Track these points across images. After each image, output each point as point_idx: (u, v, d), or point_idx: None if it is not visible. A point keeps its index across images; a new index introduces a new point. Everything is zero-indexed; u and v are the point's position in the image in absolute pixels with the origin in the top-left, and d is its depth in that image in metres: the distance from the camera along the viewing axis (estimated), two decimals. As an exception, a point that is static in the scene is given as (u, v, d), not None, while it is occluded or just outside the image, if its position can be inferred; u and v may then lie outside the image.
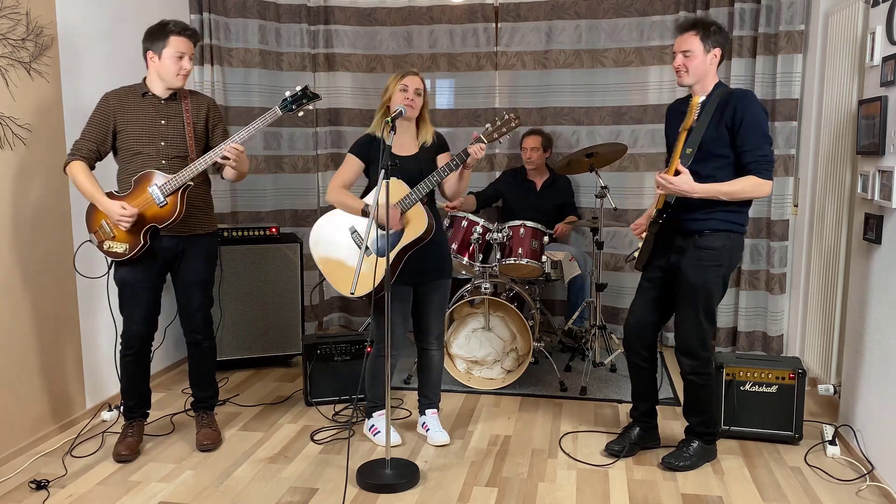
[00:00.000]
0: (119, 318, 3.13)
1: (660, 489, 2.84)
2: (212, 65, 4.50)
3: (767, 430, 3.23)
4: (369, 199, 3.07)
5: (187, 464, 3.07)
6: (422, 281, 3.16)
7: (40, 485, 2.84)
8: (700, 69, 2.79)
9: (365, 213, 3.05)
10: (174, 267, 3.12)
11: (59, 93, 3.33)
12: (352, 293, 2.89)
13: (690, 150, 2.79)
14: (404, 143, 3.12)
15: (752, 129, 2.73)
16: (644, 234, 3.00)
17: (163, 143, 2.99)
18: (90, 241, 2.99)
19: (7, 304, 3.07)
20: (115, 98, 2.99)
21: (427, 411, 3.33)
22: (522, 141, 4.63)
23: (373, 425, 3.30)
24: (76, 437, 3.28)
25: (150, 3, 4.01)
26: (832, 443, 3.15)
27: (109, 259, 3.01)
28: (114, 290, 3.11)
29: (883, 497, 2.77)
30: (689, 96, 2.91)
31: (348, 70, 4.95)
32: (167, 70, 2.95)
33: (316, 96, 3.04)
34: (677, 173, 2.76)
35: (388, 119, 2.85)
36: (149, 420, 3.34)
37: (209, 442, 3.20)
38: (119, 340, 3.13)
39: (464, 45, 4.85)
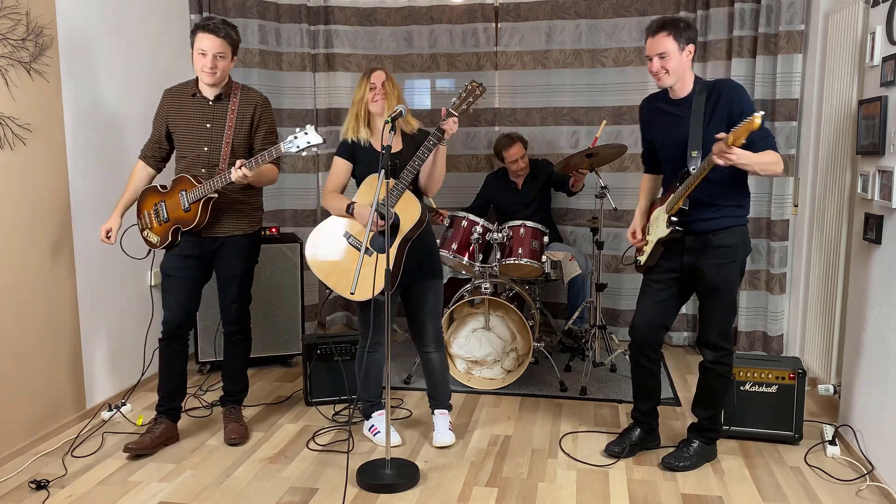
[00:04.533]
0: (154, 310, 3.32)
1: (660, 489, 2.85)
2: (212, 65, 4.49)
3: (767, 430, 3.23)
4: (356, 197, 3.08)
5: (187, 464, 3.08)
6: (411, 282, 3.11)
7: (40, 485, 2.84)
8: (678, 69, 2.77)
9: (349, 213, 3.04)
10: (213, 261, 3.22)
11: (59, 93, 3.33)
12: (352, 293, 2.88)
13: (696, 152, 2.76)
14: (387, 138, 3.02)
15: (750, 113, 2.72)
16: (646, 245, 2.98)
17: (206, 149, 3.09)
18: (136, 225, 3.21)
19: (7, 304, 3.07)
20: (171, 96, 3.15)
21: (435, 412, 3.31)
22: (503, 155, 4.52)
23: (372, 425, 3.31)
24: (76, 437, 3.28)
25: (150, 3, 4.02)
26: (832, 443, 3.15)
27: (148, 247, 3.21)
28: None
29: (883, 497, 2.77)
30: (664, 92, 2.90)
31: (348, 70, 4.95)
32: (196, 66, 3.05)
33: (322, 142, 2.99)
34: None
35: (388, 119, 2.85)
36: (148, 420, 3.32)
37: (237, 436, 3.25)
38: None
39: (464, 45, 4.85)
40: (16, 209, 3.10)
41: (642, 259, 2.99)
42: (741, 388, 3.22)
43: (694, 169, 2.75)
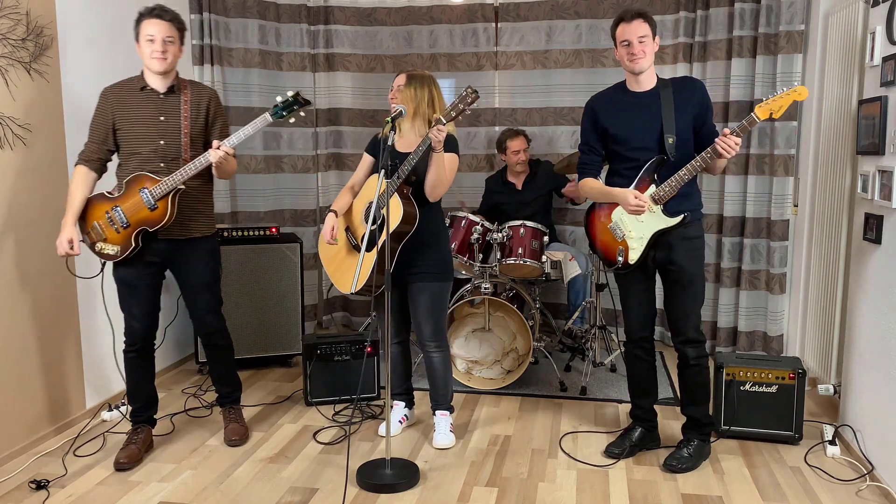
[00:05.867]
0: (117, 316, 3.14)
1: (660, 489, 2.85)
2: (212, 65, 4.50)
3: (767, 430, 3.23)
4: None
5: (187, 464, 3.07)
6: (408, 281, 3.15)
7: (40, 485, 2.84)
8: (652, 54, 2.86)
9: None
10: (175, 269, 3.09)
11: (59, 93, 3.33)
12: (351, 293, 2.97)
13: (672, 139, 2.81)
14: (412, 141, 3.10)
15: (711, 112, 2.91)
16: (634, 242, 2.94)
17: (162, 143, 2.94)
18: (83, 241, 2.97)
19: (7, 303, 3.07)
20: (114, 93, 2.96)
21: (436, 412, 3.31)
22: (506, 144, 4.53)
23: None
24: (76, 437, 3.28)
25: (150, 3, 4.01)
26: (832, 443, 3.15)
27: (102, 260, 3.00)
28: (110, 288, 3.13)
29: (883, 497, 2.77)
30: (620, 87, 2.96)
31: (348, 70, 4.95)
32: (143, 54, 2.88)
33: (307, 102, 2.97)
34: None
35: (388, 119, 2.86)
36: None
37: (237, 437, 3.22)
38: (122, 339, 3.12)
39: (464, 45, 4.85)
40: (16, 209, 3.10)
41: (634, 256, 2.91)
42: (741, 388, 3.22)
43: (673, 156, 2.82)
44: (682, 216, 2.82)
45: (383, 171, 2.79)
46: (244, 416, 3.45)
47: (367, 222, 2.99)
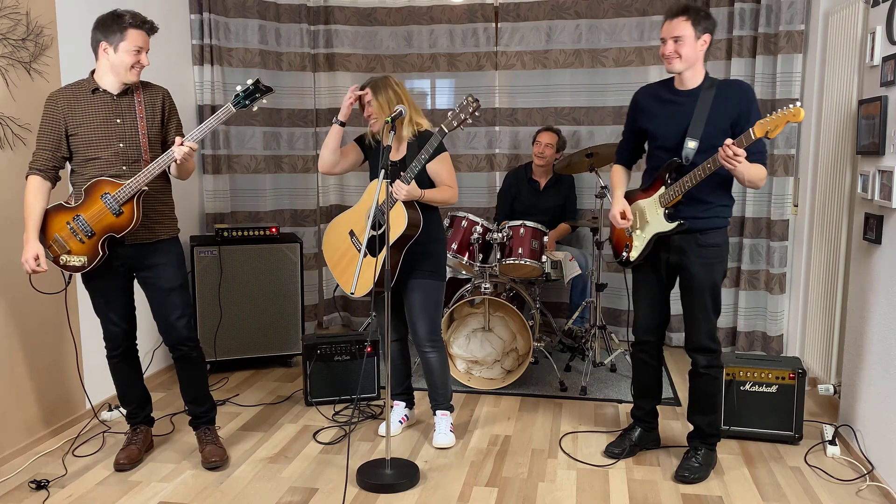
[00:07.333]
0: (87, 328, 3.11)
1: (660, 489, 2.85)
2: (212, 65, 4.49)
3: (767, 430, 3.23)
4: (358, 203, 3.18)
5: (187, 464, 3.08)
6: (402, 281, 3.13)
7: (40, 485, 2.84)
8: (691, 55, 2.75)
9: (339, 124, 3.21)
10: (143, 275, 2.96)
11: (59, 93, 3.33)
12: (352, 293, 2.98)
13: (693, 143, 2.74)
14: (395, 144, 3.13)
15: (756, 117, 2.72)
16: (636, 240, 2.94)
17: (121, 145, 2.81)
18: (45, 255, 2.82)
19: (7, 303, 3.07)
20: (63, 97, 2.79)
21: (436, 412, 3.31)
22: (537, 136, 4.58)
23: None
24: (76, 437, 3.28)
25: (150, 3, 4.01)
26: (832, 443, 3.15)
27: (67, 273, 2.88)
28: (73, 301, 3.11)
29: (883, 497, 2.77)
30: (667, 82, 2.89)
31: (348, 70, 4.95)
32: (122, 64, 2.75)
33: (269, 90, 2.88)
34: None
35: (388, 119, 2.85)
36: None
37: (217, 458, 3.03)
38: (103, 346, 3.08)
39: (464, 45, 4.85)
40: (16, 209, 3.10)
41: (634, 254, 2.93)
42: (741, 388, 3.22)
43: (687, 159, 2.75)
44: (678, 223, 2.79)
45: (383, 171, 2.78)
46: (220, 438, 3.25)
47: (369, 225, 2.96)
